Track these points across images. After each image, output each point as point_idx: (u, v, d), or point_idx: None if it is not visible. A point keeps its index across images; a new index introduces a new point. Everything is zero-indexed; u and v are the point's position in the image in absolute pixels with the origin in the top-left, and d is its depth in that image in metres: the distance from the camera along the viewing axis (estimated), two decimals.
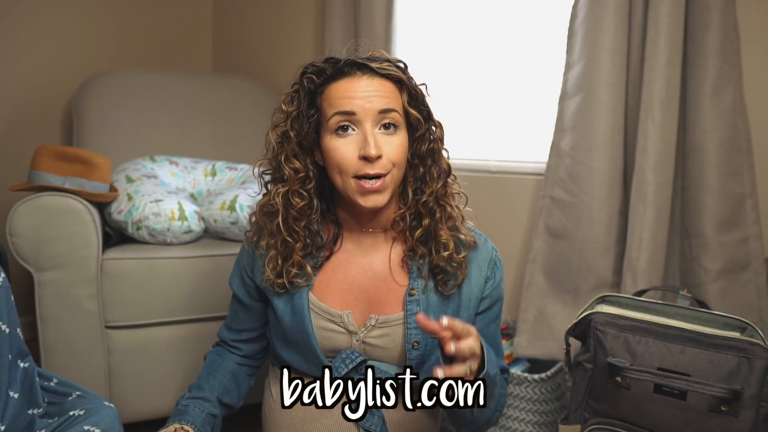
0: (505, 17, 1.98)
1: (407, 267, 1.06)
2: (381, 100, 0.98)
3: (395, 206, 1.06)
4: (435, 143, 1.06)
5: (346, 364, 1.03)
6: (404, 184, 1.06)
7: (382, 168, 0.97)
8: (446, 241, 1.03)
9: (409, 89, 1.02)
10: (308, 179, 1.03)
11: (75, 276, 1.49)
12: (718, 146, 1.57)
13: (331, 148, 0.99)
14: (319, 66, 1.02)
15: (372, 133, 0.97)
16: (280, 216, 1.03)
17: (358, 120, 0.98)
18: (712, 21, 1.54)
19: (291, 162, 1.02)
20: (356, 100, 0.97)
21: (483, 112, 2.04)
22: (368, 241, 1.08)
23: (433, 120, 1.06)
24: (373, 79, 0.99)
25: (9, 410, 0.99)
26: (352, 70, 1.00)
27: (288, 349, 1.09)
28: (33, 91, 2.23)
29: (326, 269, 1.07)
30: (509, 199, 1.96)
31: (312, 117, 1.02)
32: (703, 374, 1.08)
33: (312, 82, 1.01)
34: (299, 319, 1.05)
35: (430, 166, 1.05)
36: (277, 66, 2.54)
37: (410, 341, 1.03)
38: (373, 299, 1.06)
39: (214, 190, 1.87)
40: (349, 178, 0.98)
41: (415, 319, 1.02)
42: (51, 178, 1.52)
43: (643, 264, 1.61)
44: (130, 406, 1.56)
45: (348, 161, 0.97)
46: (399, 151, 1.00)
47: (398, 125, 1.00)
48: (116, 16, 2.44)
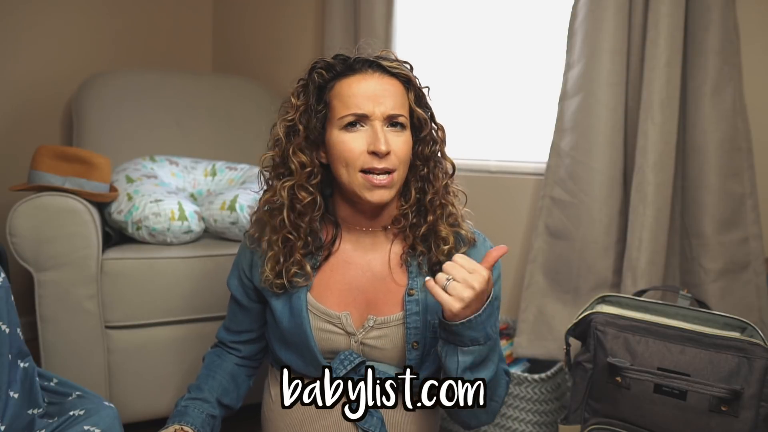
0: (505, 17, 1.98)
1: (406, 266, 1.06)
2: (391, 102, 0.99)
3: (396, 204, 1.07)
4: (438, 145, 1.07)
5: (344, 366, 1.03)
6: (407, 183, 1.06)
7: (389, 163, 0.98)
8: (446, 236, 1.04)
9: (416, 89, 1.04)
10: (314, 174, 1.04)
11: (75, 276, 1.49)
12: (718, 146, 1.57)
13: (338, 141, 1.00)
14: (329, 62, 1.03)
15: (382, 130, 0.98)
16: (285, 210, 1.03)
17: (368, 119, 0.99)
18: (712, 21, 1.54)
19: (298, 155, 1.03)
20: (368, 100, 0.98)
21: (483, 112, 2.04)
22: (367, 241, 1.08)
23: (436, 122, 1.08)
24: (384, 77, 1.01)
25: (9, 410, 0.99)
26: (363, 67, 1.01)
27: (287, 351, 1.09)
28: (33, 91, 2.23)
29: (324, 270, 1.07)
30: (509, 199, 1.96)
31: (320, 112, 1.02)
32: (703, 374, 1.08)
33: (321, 77, 1.02)
34: (297, 321, 1.05)
35: (433, 168, 1.06)
36: (277, 66, 2.54)
37: (410, 341, 1.03)
38: (371, 300, 1.06)
39: (214, 190, 1.87)
40: (356, 172, 0.99)
41: (423, 285, 1.02)
42: (51, 178, 1.52)
43: (643, 264, 1.61)
44: (130, 406, 1.56)
45: (356, 155, 0.98)
46: (406, 149, 1.01)
47: (405, 125, 1.02)
48: (116, 16, 2.44)
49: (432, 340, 1.04)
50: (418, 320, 1.03)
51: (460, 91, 2.06)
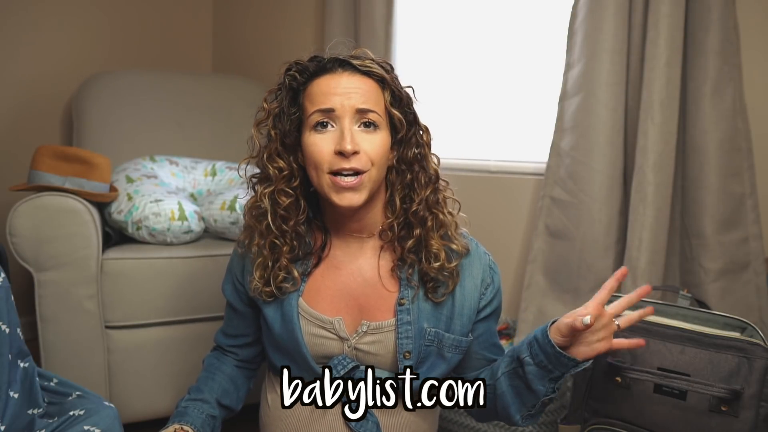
0: (505, 17, 1.98)
1: (396, 276, 1.05)
2: (360, 97, 0.97)
3: (382, 214, 1.05)
4: (422, 148, 1.04)
5: (338, 370, 1.02)
6: (391, 191, 1.04)
7: (358, 163, 0.95)
8: (437, 251, 1.01)
9: (393, 89, 1.01)
10: (293, 177, 1.02)
11: (75, 276, 1.49)
12: (718, 146, 1.57)
13: (309, 143, 0.98)
14: (303, 64, 1.01)
15: (349, 129, 0.96)
16: (269, 216, 1.02)
17: (336, 116, 0.97)
18: (712, 21, 1.54)
19: (274, 161, 1.01)
20: (336, 96, 0.97)
21: (483, 112, 2.04)
22: (355, 246, 1.06)
23: (419, 124, 1.05)
24: (354, 75, 0.99)
25: (9, 410, 0.99)
26: (333, 66, 1.00)
27: (280, 356, 1.09)
28: (33, 91, 2.23)
29: (315, 276, 1.06)
30: (509, 199, 1.96)
31: (294, 115, 1.01)
32: (703, 374, 1.08)
33: (295, 80, 1.01)
34: (289, 327, 1.04)
35: (417, 173, 1.03)
36: (277, 66, 2.49)
37: (401, 351, 1.02)
38: (363, 305, 1.05)
39: (214, 190, 1.87)
40: (324, 174, 0.97)
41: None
42: (51, 178, 1.52)
43: (643, 264, 1.61)
44: (130, 406, 1.56)
45: (324, 156, 0.96)
46: (378, 149, 0.98)
47: (378, 124, 0.99)
48: (116, 16, 2.44)
49: (426, 348, 1.03)
50: (410, 330, 1.02)
51: (460, 91, 2.06)
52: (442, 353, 1.04)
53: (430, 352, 1.03)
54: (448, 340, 1.04)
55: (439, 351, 1.04)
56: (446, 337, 1.04)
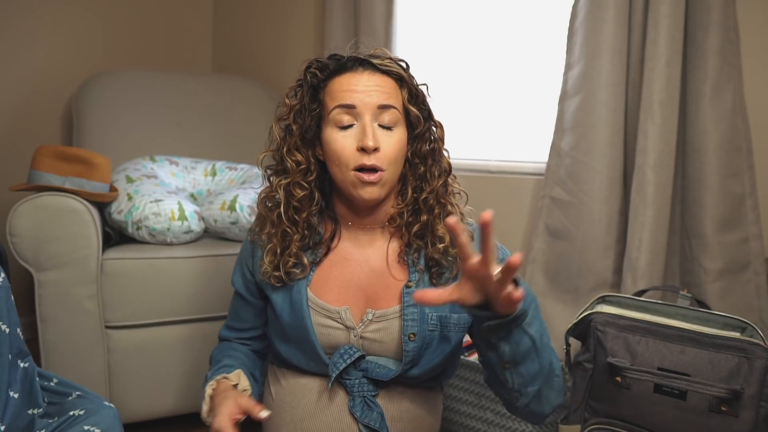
0: (505, 17, 1.98)
1: (404, 262, 1.07)
2: (381, 95, 1.01)
3: (393, 202, 1.08)
4: (436, 143, 1.08)
5: (344, 359, 1.03)
6: (404, 182, 1.07)
7: (378, 160, 0.99)
8: (442, 234, 1.05)
9: (410, 87, 1.05)
10: (309, 171, 1.06)
11: (75, 276, 1.49)
12: (718, 146, 1.57)
13: (331, 140, 1.01)
14: (323, 62, 1.04)
15: (371, 125, 0.99)
16: (282, 206, 1.05)
17: (357, 113, 1.00)
18: (712, 21, 1.54)
19: (293, 154, 1.05)
20: (357, 93, 1.00)
21: (483, 112, 2.04)
22: (365, 237, 1.09)
23: (433, 120, 1.08)
24: (374, 74, 1.02)
25: (9, 410, 0.99)
26: (354, 65, 1.03)
27: (287, 346, 1.09)
28: (33, 91, 2.23)
29: (324, 266, 1.08)
30: (509, 199, 1.96)
31: (314, 111, 1.04)
32: (703, 374, 1.08)
33: (315, 77, 1.04)
34: (298, 315, 1.06)
35: (430, 166, 1.07)
36: (277, 66, 2.54)
37: (406, 333, 1.03)
38: (370, 295, 1.07)
39: (214, 190, 1.87)
40: (349, 170, 1.00)
41: (412, 301, 1.02)
42: (51, 178, 1.52)
43: (643, 264, 1.61)
44: (130, 406, 1.56)
45: (347, 153, 1.00)
46: (397, 147, 1.02)
47: (397, 122, 1.03)
48: (117, 17, 2.44)
49: (430, 333, 1.04)
50: (415, 312, 1.04)
51: (461, 91, 2.06)
52: (445, 335, 1.06)
53: (434, 336, 1.04)
54: (452, 320, 1.05)
55: (443, 333, 1.05)
56: (452, 318, 1.05)
